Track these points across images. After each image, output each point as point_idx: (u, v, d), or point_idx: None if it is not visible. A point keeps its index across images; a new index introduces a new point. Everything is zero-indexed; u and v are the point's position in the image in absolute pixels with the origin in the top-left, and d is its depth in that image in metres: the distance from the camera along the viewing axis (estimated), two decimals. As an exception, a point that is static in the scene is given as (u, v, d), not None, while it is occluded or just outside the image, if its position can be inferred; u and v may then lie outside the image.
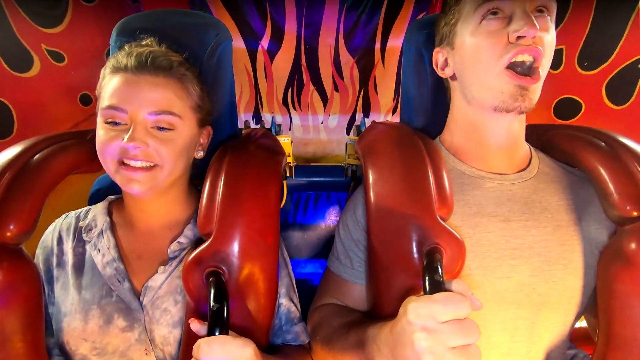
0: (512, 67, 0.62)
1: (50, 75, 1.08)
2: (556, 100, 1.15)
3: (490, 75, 0.64)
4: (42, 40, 1.03)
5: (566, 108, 1.13)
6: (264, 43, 1.64)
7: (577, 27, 1.03)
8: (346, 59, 1.72)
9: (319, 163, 1.96)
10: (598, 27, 1.01)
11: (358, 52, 1.70)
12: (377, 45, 1.68)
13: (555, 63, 1.09)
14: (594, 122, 1.09)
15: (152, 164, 0.63)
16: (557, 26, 0.94)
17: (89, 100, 1.21)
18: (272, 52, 1.67)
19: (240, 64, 1.69)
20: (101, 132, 0.63)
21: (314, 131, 1.91)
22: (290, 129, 1.89)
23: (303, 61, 1.70)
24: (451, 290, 0.51)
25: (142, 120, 0.62)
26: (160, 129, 0.64)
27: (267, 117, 1.85)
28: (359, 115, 1.87)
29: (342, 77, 1.76)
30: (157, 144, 0.62)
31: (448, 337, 0.46)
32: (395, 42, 1.67)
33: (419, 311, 0.48)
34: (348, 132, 1.92)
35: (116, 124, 0.62)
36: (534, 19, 0.60)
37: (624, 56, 0.99)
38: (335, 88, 1.79)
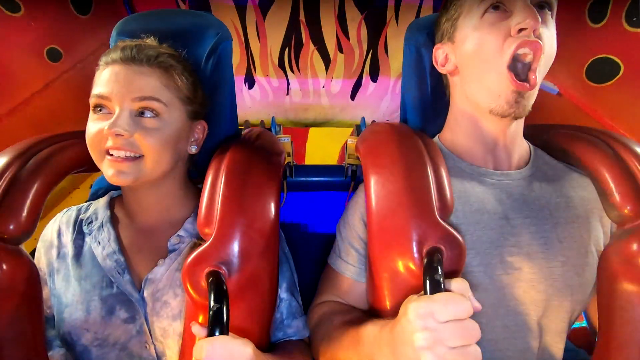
0: (513, 66, 0.63)
1: (6, 29, 0.97)
2: (591, 60, 1.04)
3: (493, 74, 0.65)
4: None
5: (602, 69, 1.03)
6: (255, -5, 1.48)
7: None
8: (353, 14, 1.54)
9: (321, 127, 1.88)
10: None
11: (367, 6, 1.52)
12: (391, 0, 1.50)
13: (598, 16, 0.97)
14: (632, 88, 0.99)
15: (136, 155, 0.64)
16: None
17: (57, 55, 1.11)
18: (264, 6, 1.50)
19: (227, 22, 1.52)
20: (90, 125, 0.65)
21: (315, 96, 1.77)
22: (287, 94, 1.76)
23: (302, 16, 1.53)
24: (451, 290, 0.52)
25: (126, 106, 0.63)
26: (145, 114, 0.64)
27: (261, 80, 1.71)
28: (366, 79, 1.72)
29: (347, 36, 1.59)
30: (141, 133, 0.63)
31: (448, 337, 0.47)
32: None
33: (419, 311, 0.49)
34: (352, 98, 1.78)
35: (102, 109, 0.64)
36: (536, 12, 0.61)
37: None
38: (339, 48, 1.62)
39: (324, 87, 1.74)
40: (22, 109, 1.05)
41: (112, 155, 0.63)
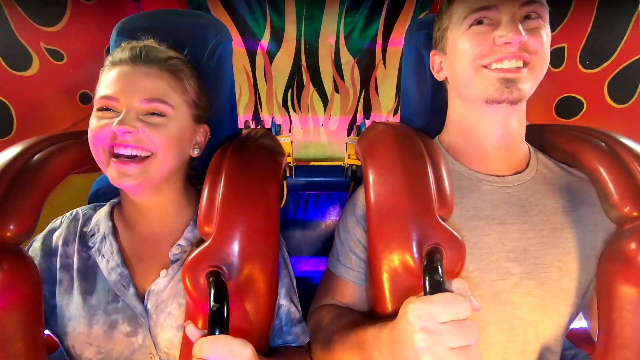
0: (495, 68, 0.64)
1: (50, 74, 1.08)
2: (558, 99, 1.16)
3: (472, 74, 0.66)
4: (41, 39, 1.03)
5: (568, 107, 1.14)
6: (264, 43, 1.64)
7: (579, 25, 1.03)
8: (347, 59, 1.72)
9: (321, 163, 1.95)
10: (600, 25, 1.00)
11: (359, 52, 1.70)
12: (378, 45, 1.68)
13: (557, 61, 1.09)
14: (596, 120, 1.09)
15: (143, 154, 0.63)
16: (559, 24, 0.94)
17: (88, 99, 1.22)
18: (271, 53, 1.66)
19: (239, 65, 1.69)
20: (93, 121, 0.64)
21: (314, 133, 1.90)
22: (289, 131, 1.88)
23: (303, 61, 1.69)
24: (451, 291, 0.52)
25: (134, 107, 0.62)
26: (152, 115, 0.64)
27: (267, 119, 1.84)
28: (360, 117, 1.87)
29: (342, 78, 1.75)
30: (148, 129, 0.63)
31: (448, 337, 0.47)
32: (397, 42, 1.67)
33: (418, 312, 0.49)
34: (349, 135, 1.92)
35: (108, 110, 0.63)
36: (520, 26, 0.62)
37: (626, 54, 0.98)
38: (336, 89, 1.78)
39: (322, 124, 1.86)
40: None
41: (117, 156, 0.63)
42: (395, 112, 1.85)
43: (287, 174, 1.08)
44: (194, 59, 0.74)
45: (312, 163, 1.46)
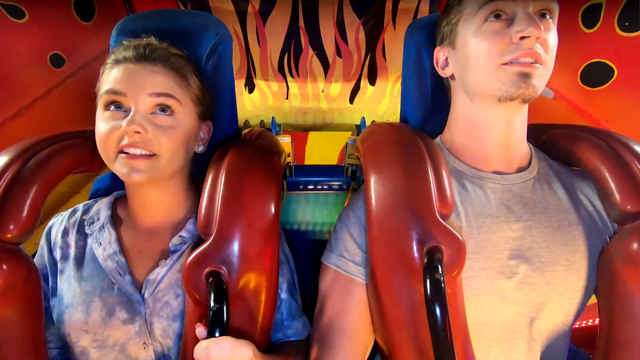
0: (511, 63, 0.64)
1: (10, 35, 0.98)
2: (585, 65, 1.06)
3: (490, 72, 0.65)
4: (-5, -7, 0.94)
5: (596, 73, 1.05)
6: (255, 2, 1.50)
7: None
8: (351, 19, 1.57)
9: (320, 131, 1.92)
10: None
11: (365, 11, 1.55)
12: (388, 5, 1.53)
13: (591, 21, 1.00)
14: (625, 92, 1.00)
15: (151, 153, 0.65)
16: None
17: (60, 61, 1.13)
18: (264, 13, 1.53)
19: (228, 27, 1.56)
20: (101, 124, 0.65)
21: (314, 99, 1.81)
22: (287, 98, 1.79)
23: (301, 22, 1.56)
24: None
25: (142, 102, 0.64)
26: (160, 111, 0.66)
27: (261, 85, 1.74)
28: (364, 83, 1.76)
29: (345, 41, 1.62)
30: (156, 131, 0.64)
31: None
32: (409, 2, 1.52)
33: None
34: (351, 101, 1.83)
35: (116, 107, 0.65)
36: (537, 20, 0.62)
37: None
38: (338, 53, 1.66)
39: (322, 91, 1.77)
40: (25, 113, 1.05)
41: (126, 153, 0.64)
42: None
43: (287, 174, 1.09)
44: (194, 59, 0.75)
45: (311, 164, 1.41)
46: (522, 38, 0.62)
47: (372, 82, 1.75)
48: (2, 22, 0.95)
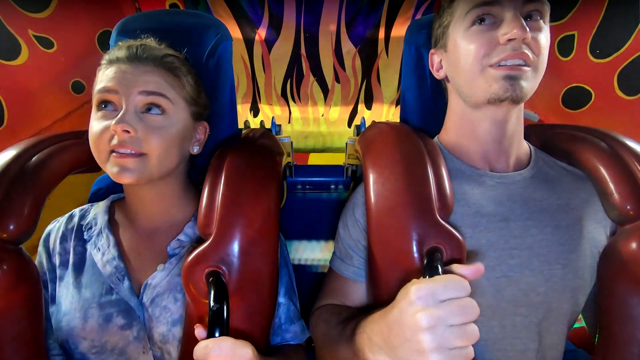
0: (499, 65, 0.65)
1: (40, 63, 1.05)
2: (565, 89, 1.13)
3: (477, 73, 0.66)
4: (29, 26, 1.00)
5: (575, 97, 1.12)
6: (262, 32, 1.61)
7: (591, 13, 1.01)
8: (348, 48, 1.68)
9: (320, 153, 1.96)
10: (613, 12, 0.97)
11: (361, 41, 1.66)
12: (381, 34, 1.64)
13: (566, 50, 1.08)
14: (604, 112, 1.06)
15: (140, 152, 0.65)
16: (569, 11, 0.90)
17: (80, 88, 1.20)
18: (270, 42, 1.63)
19: (236, 54, 1.66)
20: (93, 124, 0.65)
21: (314, 123, 1.89)
22: (289, 122, 1.87)
23: (303, 50, 1.66)
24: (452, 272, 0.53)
25: (132, 101, 0.64)
26: (151, 110, 0.65)
27: (265, 109, 1.82)
28: (361, 107, 1.85)
29: (343, 68, 1.72)
30: (146, 130, 0.64)
31: (448, 315, 0.48)
32: (400, 31, 1.63)
33: (420, 293, 0.50)
34: (349, 125, 1.90)
35: (108, 105, 0.65)
36: (524, 22, 0.62)
37: (638, 44, 0.95)
38: (337, 79, 1.75)
39: (322, 115, 1.85)
40: (44, 134, 1.12)
41: (117, 152, 0.64)
42: (397, 104, 1.82)
43: (287, 174, 1.09)
44: (194, 59, 0.75)
45: (312, 164, 1.45)
46: (509, 40, 0.63)
47: (369, 106, 1.83)
48: (35, 51, 1.02)
